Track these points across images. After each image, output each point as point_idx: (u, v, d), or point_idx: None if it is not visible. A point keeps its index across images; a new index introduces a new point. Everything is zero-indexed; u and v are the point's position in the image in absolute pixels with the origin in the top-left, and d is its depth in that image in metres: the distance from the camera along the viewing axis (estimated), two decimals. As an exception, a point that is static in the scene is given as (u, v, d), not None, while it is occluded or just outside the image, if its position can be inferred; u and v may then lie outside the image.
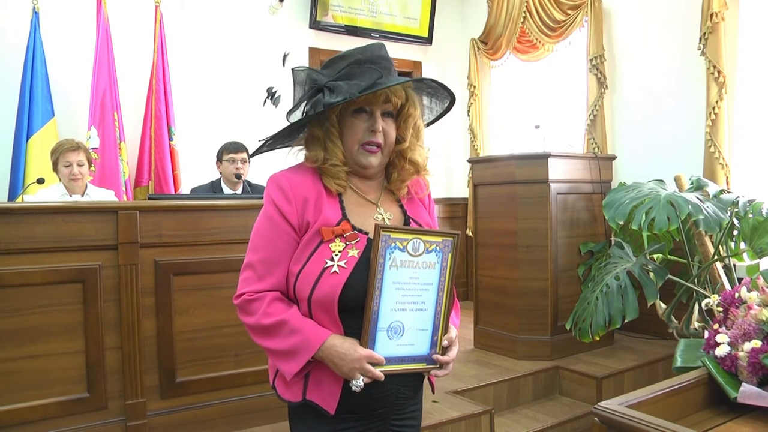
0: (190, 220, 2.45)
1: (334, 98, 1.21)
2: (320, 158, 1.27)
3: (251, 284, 1.25)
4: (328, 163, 1.27)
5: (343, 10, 5.03)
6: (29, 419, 2.14)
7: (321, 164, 1.28)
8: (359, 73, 1.24)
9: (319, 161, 1.28)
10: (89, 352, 2.26)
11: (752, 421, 1.14)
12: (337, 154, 1.27)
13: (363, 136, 1.27)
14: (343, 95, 1.21)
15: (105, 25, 3.93)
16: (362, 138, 1.27)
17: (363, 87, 1.22)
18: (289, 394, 1.27)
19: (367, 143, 1.27)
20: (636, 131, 4.19)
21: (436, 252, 1.24)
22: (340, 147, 1.28)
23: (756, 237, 2.92)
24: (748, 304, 1.30)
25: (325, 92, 1.22)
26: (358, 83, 1.22)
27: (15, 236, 2.14)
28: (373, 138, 1.27)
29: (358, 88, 1.21)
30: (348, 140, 1.28)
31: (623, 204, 3.00)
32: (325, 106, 1.21)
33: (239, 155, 3.61)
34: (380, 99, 1.26)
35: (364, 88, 1.21)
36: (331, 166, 1.27)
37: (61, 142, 3.29)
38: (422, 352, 1.26)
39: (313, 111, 1.23)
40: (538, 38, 4.75)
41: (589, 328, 2.93)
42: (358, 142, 1.28)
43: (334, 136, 1.27)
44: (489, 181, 3.70)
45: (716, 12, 3.50)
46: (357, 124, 1.27)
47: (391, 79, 1.26)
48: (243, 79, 4.61)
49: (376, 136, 1.27)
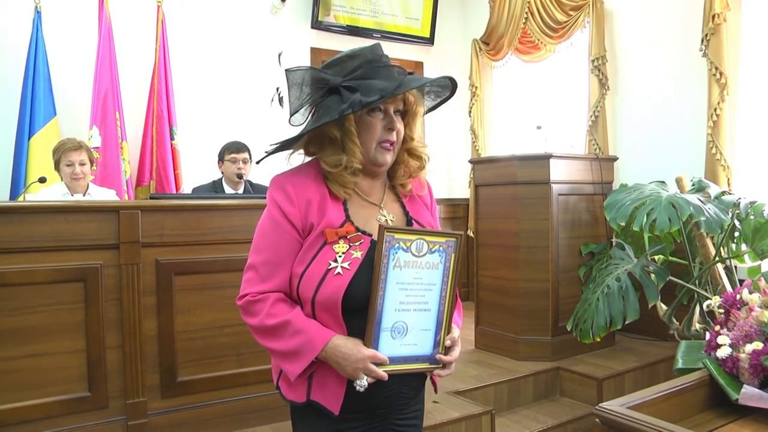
0: (191, 220, 2.46)
1: (372, 97, 1.21)
2: (343, 161, 1.26)
3: (255, 285, 1.25)
4: (348, 171, 1.26)
5: (344, 10, 5.03)
6: (30, 418, 2.15)
7: (341, 170, 1.26)
8: (378, 73, 1.25)
9: (342, 164, 1.26)
10: (90, 351, 2.26)
11: (753, 423, 1.14)
12: (357, 154, 1.27)
13: (381, 134, 1.28)
14: (379, 94, 1.21)
15: (107, 25, 3.93)
16: (381, 137, 1.28)
17: (395, 86, 1.23)
18: (293, 395, 1.27)
19: (383, 141, 1.29)
20: (637, 132, 4.19)
21: (439, 252, 1.24)
22: (359, 146, 1.27)
23: (757, 239, 2.91)
24: (749, 305, 1.30)
25: (343, 92, 1.23)
26: (383, 83, 1.23)
27: (17, 235, 2.14)
28: (390, 136, 1.28)
29: (390, 87, 1.23)
30: (366, 139, 1.28)
31: (624, 205, 3.00)
32: (364, 106, 1.22)
33: (241, 155, 3.62)
34: (398, 98, 1.27)
35: (396, 87, 1.23)
36: (344, 172, 1.27)
37: (63, 141, 3.29)
38: (425, 352, 1.27)
39: (351, 110, 1.22)
40: (539, 39, 4.75)
41: (590, 329, 2.93)
42: (377, 140, 1.28)
43: (354, 135, 1.27)
44: (490, 181, 3.70)
45: (718, 13, 3.49)
46: (375, 123, 1.28)
47: (412, 79, 1.28)
48: (245, 78, 4.61)
49: (393, 135, 1.29)
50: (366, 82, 1.23)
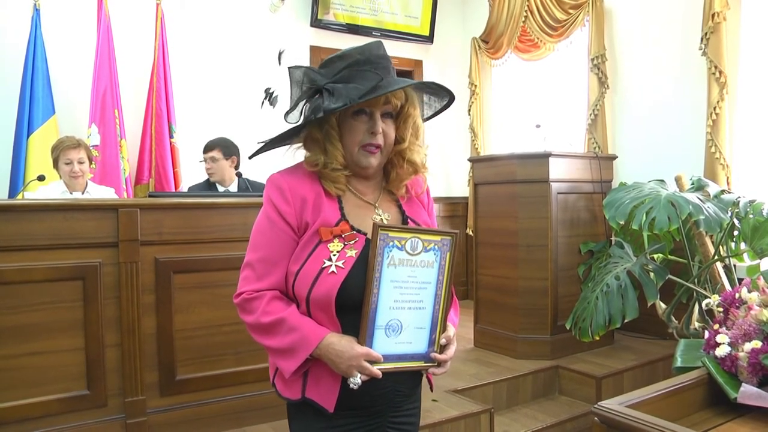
0: (190, 218, 2.45)
1: (335, 104, 1.20)
2: (320, 162, 1.27)
3: (251, 283, 1.26)
4: (328, 168, 1.27)
5: (344, 9, 5.03)
6: (29, 416, 2.15)
7: (321, 168, 1.28)
8: (359, 76, 1.23)
9: (320, 165, 1.27)
10: (89, 350, 2.26)
11: (752, 421, 1.14)
12: (337, 156, 1.27)
13: (363, 138, 1.27)
14: (343, 101, 1.20)
15: (106, 23, 3.92)
16: (362, 140, 1.27)
17: (363, 92, 1.21)
18: (288, 392, 1.28)
19: (367, 145, 1.27)
20: (637, 131, 4.19)
21: (434, 251, 1.24)
22: (339, 149, 1.27)
23: (756, 237, 2.92)
24: (748, 304, 1.30)
25: (324, 95, 1.22)
26: (357, 87, 1.21)
27: (15, 233, 2.14)
28: (373, 140, 1.27)
29: (358, 92, 1.21)
30: (348, 142, 1.28)
31: (624, 204, 3.00)
32: (326, 112, 1.21)
33: (207, 154, 3.55)
34: (380, 101, 1.25)
35: (364, 93, 1.21)
36: (331, 171, 1.27)
37: (62, 139, 3.29)
38: (420, 350, 1.27)
39: (314, 116, 1.22)
40: (539, 37, 4.75)
41: (589, 327, 2.93)
42: (358, 143, 1.27)
43: (334, 138, 1.27)
44: (489, 180, 3.70)
45: (718, 12, 3.49)
46: (357, 126, 1.27)
47: (390, 81, 1.25)
48: (244, 77, 4.60)
49: (376, 138, 1.27)
50: (338, 87, 1.22)
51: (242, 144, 4.17)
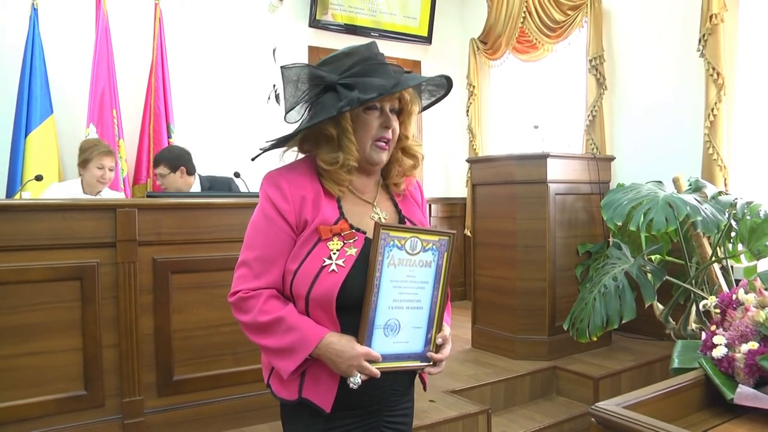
0: (188, 218, 2.45)
1: (369, 94, 1.21)
2: (339, 159, 1.26)
3: (247, 282, 1.25)
4: (344, 168, 1.27)
5: (342, 9, 5.03)
6: (27, 416, 2.14)
7: (337, 168, 1.26)
8: (376, 71, 1.25)
9: (339, 162, 1.26)
10: (87, 350, 2.25)
11: (749, 422, 1.15)
12: (353, 151, 1.27)
13: (377, 132, 1.28)
14: (377, 92, 1.21)
15: (104, 22, 3.92)
16: (376, 134, 1.28)
17: (393, 84, 1.23)
18: (284, 393, 1.27)
19: (379, 139, 1.29)
20: (635, 132, 4.19)
21: (432, 251, 1.25)
22: (355, 144, 1.27)
23: (754, 239, 2.92)
24: (745, 305, 1.30)
25: (340, 89, 1.22)
26: (380, 80, 1.23)
27: (13, 233, 2.13)
28: (386, 134, 1.28)
29: (388, 84, 1.23)
30: (362, 137, 1.28)
31: (621, 205, 3.01)
32: (362, 102, 1.21)
33: (156, 170, 3.42)
34: (394, 96, 1.27)
35: (394, 85, 1.23)
36: (340, 168, 1.26)
37: (95, 142, 3.27)
38: (417, 349, 1.27)
39: (350, 107, 1.21)
40: (537, 38, 4.75)
41: (586, 328, 2.93)
42: (372, 138, 1.28)
43: (350, 133, 1.27)
44: (488, 181, 3.70)
45: (716, 14, 3.50)
46: (371, 121, 1.28)
47: (408, 77, 1.28)
48: (242, 77, 4.59)
49: (389, 133, 1.29)
50: (363, 80, 1.23)
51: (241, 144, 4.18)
